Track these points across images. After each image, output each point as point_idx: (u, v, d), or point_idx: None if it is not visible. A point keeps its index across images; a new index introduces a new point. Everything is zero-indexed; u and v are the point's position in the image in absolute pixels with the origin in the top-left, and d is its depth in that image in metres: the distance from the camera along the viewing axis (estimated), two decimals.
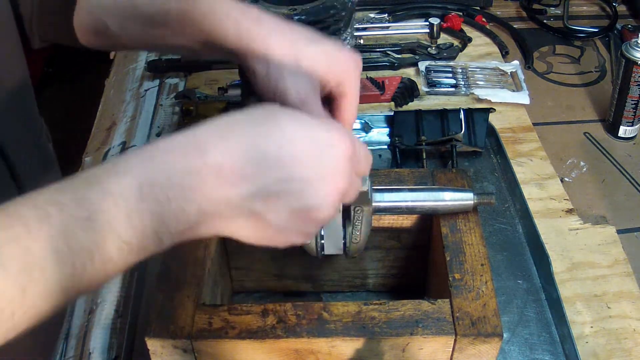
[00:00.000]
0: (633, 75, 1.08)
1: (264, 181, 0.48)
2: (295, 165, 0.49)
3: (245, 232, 0.50)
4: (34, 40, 0.76)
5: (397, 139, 1.07)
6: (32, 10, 0.72)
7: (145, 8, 0.71)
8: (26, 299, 0.41)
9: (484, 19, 1.39)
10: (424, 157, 1.04)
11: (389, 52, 1.26)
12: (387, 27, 1.32)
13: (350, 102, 0.62)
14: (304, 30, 0.65)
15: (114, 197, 0.44)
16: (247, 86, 0.84)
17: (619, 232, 0.94)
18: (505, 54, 1.30)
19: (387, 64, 1.24)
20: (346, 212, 0.65)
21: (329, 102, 0.63)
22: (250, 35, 0.64)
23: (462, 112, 1.07)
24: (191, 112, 1.12)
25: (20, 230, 0.41)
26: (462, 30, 1.34)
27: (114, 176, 0.45)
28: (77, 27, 0.75)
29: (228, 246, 0.80)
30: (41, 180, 0.72)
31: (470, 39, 1.32)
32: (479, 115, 1.07)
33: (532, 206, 0.94)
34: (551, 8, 1.49)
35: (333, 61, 0.62)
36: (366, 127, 1.11)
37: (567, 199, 0.99)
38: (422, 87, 1.19)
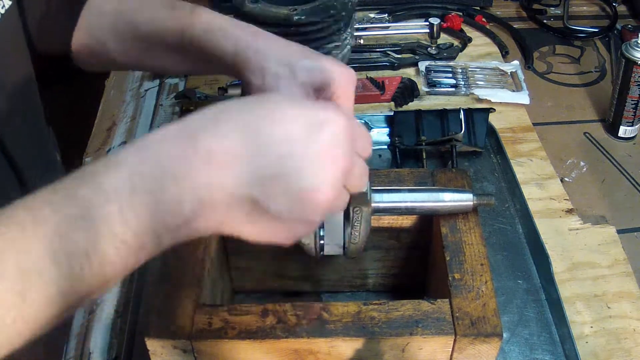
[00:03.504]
0: (633, 75, 1.08)
1: (258, 163, 0.45)
2: (290, 143, 0.46)
3: (246, 225, 0.47)
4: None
5: (397, 139, 1.07)
6: (35, 25, 0.73)
7: (144, 27, 0.72)
8: (26, 304, 0.40)
9: (484, 19, 1.39)
10: (424, 157, 1.04)
11: (389, 52, 1.26)
12: (387, 27, 1.33)
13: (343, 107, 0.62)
14: (300, 46, 0.66)
15: (106, 192, 0.42)
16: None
17: (619, 232, 0.94)
18: (505, 54, 1.30)
19: (387, 64, 1.24)
20: (345, 212, 0.65)
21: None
22: (248, 49, 0.65)
23: (462, 112, 1.07)
24: (191, 112, 1.11)
25: (16, 234, 0.40)
26: (462, 30, 1.34)
27: (105, 170, 0.43)
28: (75, 49, 0.75)
29: (228, 246, 0.80)
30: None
31: (470, 39, 1.32)
32: (479, 115, 1.07)
33: (532, 206, 0.94)
34: (551, 8, 1.49)
35: (327, 75, 0.62)
36: (366, 127, 1.11)
37: (567, 199, 0.99)
38: (422, 87, 1.19)
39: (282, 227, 0.48)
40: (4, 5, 0.63)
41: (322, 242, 0.67)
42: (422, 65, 1.23)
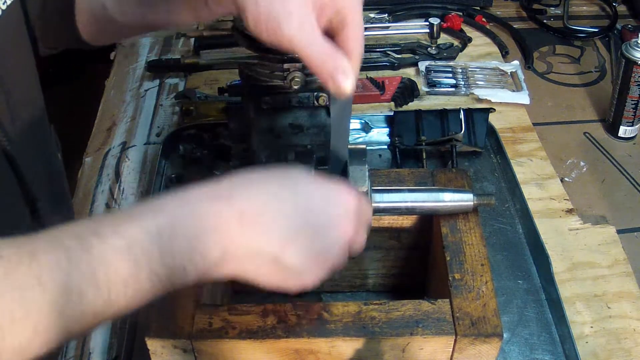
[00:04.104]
0: (633, 75, 1.08)
1: (282, 226, 0.52)
2: (310, 213, 0.54)
3: (262, 275, 0.53)
4: (41, 49, 0.77)
5: (397, 139, 1.07)
6: (37, 17, 0.72)
7: None
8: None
9: (484, 19, 1.39)
10: (424, 157, 1.04)
11: (389, 52, 1.26)
12: (387, 27, 1.32)
13: (353, 31, 0.58)
14: None
15: (150, 234, 0.47)
16: (248, 88, 0.84)
17: (619, 232, 0.94)
18: (505, 54, 1.30)
19: (387, 64, 1.24)
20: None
21: (332, 36, 0.59)
22: None
23: (462, 112, 1.07)
24: (191, 112, 1.12)
25: (31, 279, 0.42)
26: (462, 30, 1.34)
27: (151, 214, 0.49)
28: (78, 20, 0.75)
29: None
30: (50, 190, 0.72)
31: (470, 39, 1.32)
32: (479, 115, 1.07)
33: (532, 206, 0.94)
34: (551, 8, 1.49)
35: None
36: (366, 127, 1.11)
37: (567, 199, 0.99)
38: (422, 87, 1.19)
39: (293, 278, 0.54)
40: (5, 1, 0.63)
41: None
42: (422, 65, 1.23)
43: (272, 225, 0.52)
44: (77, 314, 0.43)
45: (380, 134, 1.11)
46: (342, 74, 0.56)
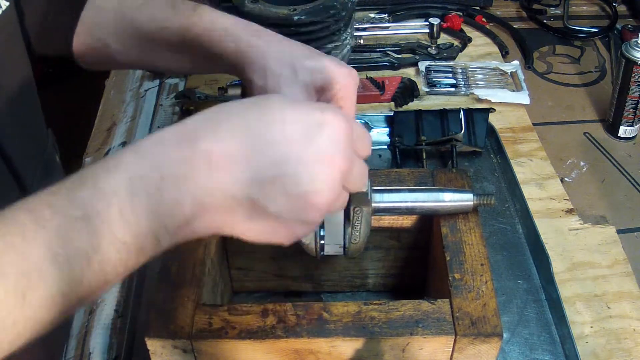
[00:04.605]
0: (633, 75, 1.08)
1: (257, 165, 0.46)
2: (289, 145, 0.46)
3: (245, 226, 0.47)
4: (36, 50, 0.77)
5: (397, 139, 1.07)
6: (35, 24, 0.72)
7: (146, 27, 0.72)
8: (26, 306, 0.40)
9: (484, 19, 1.39)
10: (424, 157, 1.04)
11: (389, 52, 1.26)
12: (387, 27, 1.32)
13: (347, 114, 0.61)
14: (302, 46, 0.65)
15: (106, 194, 0.43)
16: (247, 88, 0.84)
17: (619, 232, 0.94)
18: (505, 54, 1.30)
19: (387, 64, 1.24)
20: (346, 212, 0.65)
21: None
22: (249, 48, 0.64)
23: (462, 112, 1.07)
24: (191, 112, 1.12)
25: (16, 236, 0.40)
26: (462, 30, 1.34)
27: (105, 173, 0.44)
28: (76, 49, 0.75)
29: (228, 246, 0.80)
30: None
31: (470, 39, 1.32)
32: (479, 115, 1.07)
33: (532, 206, 0.94)
34: (551, 8, 1.49)
35: (330, 75, 0.62)
36: (366, 127, 1.11)
37: (567, 199, 0.99)
38: (422, 87, 1.19)
39: (281, 227, 0.48)
40: (0, 7, 0.63)
41: (322, 242, 0.67)
42: (422, 65, 1.23)
43: (247, 165, 0.45)
44: (41, 295, 0.41)
45: (380, 134, 1.11)
46: None
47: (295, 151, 0.46)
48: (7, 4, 0.64)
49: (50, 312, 0.41)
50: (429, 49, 1.27)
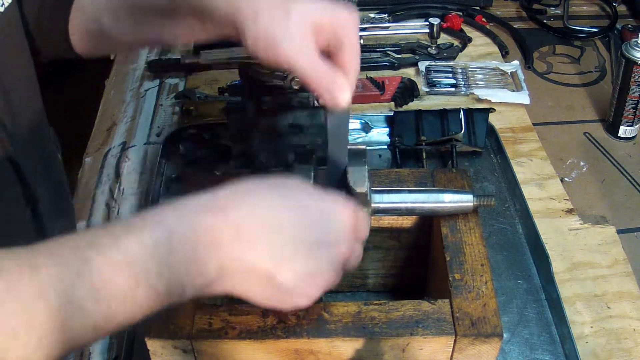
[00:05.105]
0: (633, 75, 1.08)
1: (276, 242, 0.52)
2: (306, 230, 0.53)
3: (256, 292, 0.53)
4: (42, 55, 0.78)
5: (397, 139, 1.07)
6: (34, 23, 0.72)
7: None
8: (67, 333, 0.43)
9: (484, 19, 1.39)
10: (424, 157, 1.04)
11: (389, 52, 1.26)
12: (387, 27, 1.32)
13: (350, 51, 0.59)
14: None
15: (148, 248, 0.47)
16: (248, 88, 0.84)
17: (619, 232, 0.94)
18: (505, 54, 1.30)
19: (387, 64, 1.24)
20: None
21: (328, 56, 0.60)
22: None
23: (462, 112, 1.07)
24: (191, 112, 1.12)
25: (33, 292, 0.42)
26: (462, 30, 1.34)
27: (148, 227, 0.48)
28: (72, 34, 0.75)
29: None
30: (50, 191, 0.72)
31: (470, 39, 1.32)
32: (479, 115, 1.07)
33: (532, 206, 0.94)
34: (551, 8, 1.49)
35: (326, 12, 0.59)
36: (366, 127, 1.11)
37: (567, 199, 0.99)
38: (422, 87, 1.19)
39: (287, 297, 0.54)
40: (3, 4, 0.63)
41: None
42: (422, 65, 1.23)
43: (267, 242, 0.52)
44: (78, 327, 0.43)
45: (380, 134, 1.11)
46: (339, 88, 0.57)
47: (310, 235, 0.53)
48: (10, 0, 0.64)
49: (86, 341, 0.45)
50: (429, 49, 1.27)
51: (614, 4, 1.45)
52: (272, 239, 0.52)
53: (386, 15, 1.38)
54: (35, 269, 0.42)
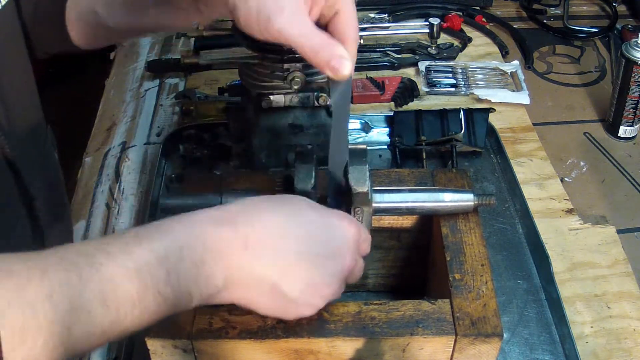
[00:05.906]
0: (633, 75, 1.08)
1: (282, 254, 0.54)
2: (312, 244, 0.55)
3: (262, 302, 0.55)
4: (37, 52, 0.77)
5: (397, 139, 1.07)
6: (30, 20, 0.72)
7: None
8: (72, 338, 0.43)
9: (484, 19, 1.39)
10: (424, 157, 1.04)
11: (389, 52, 1.26)
12: (387, 27, 1.32)
13: (346, 18, 0.58)
14: None
15: (158, 256, 0.48)
16: (247, 87, 0.84)
17: (619, 232, 0.94)
18: (505, 54, 1.30)
19: (387, 64, 1.24)
20: (347, 212, 0.65)
21: (325, 26, 0.60)
22: None
23: (462, 112, 1.07)
24: (191, 112, 1.12)
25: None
26: (462, 30, 1.34)
27: (159, 236, 0.50)
28: (70, 28, 0.76)
29: None
30: (47, 191, 0.73)
31: (470, 39, 1.32)
32: (479, 115, 1.07)
33: (532, 206, 0.94)
34: (551, 8, 1.49)
35: None
36: (366, 127, 1.11)
37: (567, 199, 0.99)
38: (422, 87, 1.19)
39: (291, 307, 0.56)
40: (0, 2, 0.63)
41: None
42: (422, 65, 1.23)
43: (274, 254, 0.53)
44: (85, 331, 0.44)
45: (380, 134, 1.11)
46: (338, 57, 0.55)
47: (316, 248, 0.55)
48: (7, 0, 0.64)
49: (92, 345, 0.46)
50: (429, 49, 1.27)
51: (614, 4, 1.45)
52: (277, 250, 0.54)
53: (386, 15, 1.38)
54: (45, 273, 0.42)
